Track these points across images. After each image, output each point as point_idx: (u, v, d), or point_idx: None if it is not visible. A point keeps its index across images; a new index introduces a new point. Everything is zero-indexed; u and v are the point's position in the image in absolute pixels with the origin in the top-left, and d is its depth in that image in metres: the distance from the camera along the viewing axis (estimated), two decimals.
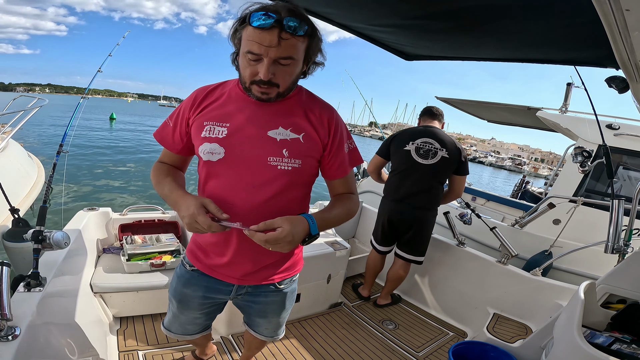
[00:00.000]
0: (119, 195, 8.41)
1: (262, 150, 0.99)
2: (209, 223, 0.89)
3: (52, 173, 1.70)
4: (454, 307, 2.64)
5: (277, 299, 1.24)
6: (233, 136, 1.00)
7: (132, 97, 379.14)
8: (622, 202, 1.92)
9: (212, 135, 1.00)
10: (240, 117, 1.01)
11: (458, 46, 1.68)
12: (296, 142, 1.01)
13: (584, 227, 3.43)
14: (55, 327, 1.40)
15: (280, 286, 1.21)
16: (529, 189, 7.29)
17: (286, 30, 0.84)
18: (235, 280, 1.15)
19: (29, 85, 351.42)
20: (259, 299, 1.22)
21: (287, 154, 0.99)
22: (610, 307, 1.57)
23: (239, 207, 1.01)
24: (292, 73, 0.94)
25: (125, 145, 16.84)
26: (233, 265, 1.12)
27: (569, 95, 4.49)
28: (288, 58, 0.88)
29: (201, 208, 0.90)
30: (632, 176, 3.87)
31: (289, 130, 1.01)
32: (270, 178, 1.00)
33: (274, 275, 1.17)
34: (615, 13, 0.69)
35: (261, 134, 0.99)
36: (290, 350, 2.06)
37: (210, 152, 1.00)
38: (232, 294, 1.20)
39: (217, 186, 1.03)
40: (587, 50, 1.32)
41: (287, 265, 1.20)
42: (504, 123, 6.11)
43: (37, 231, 1.34)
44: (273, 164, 0.99)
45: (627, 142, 3.77)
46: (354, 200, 1.15)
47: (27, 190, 3.75)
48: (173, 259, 2.28)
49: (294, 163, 1.00)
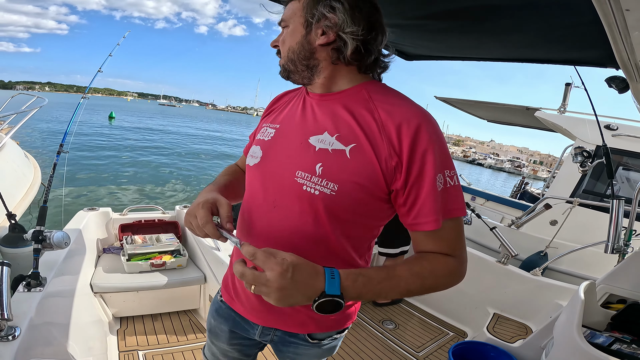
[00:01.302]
0: (119, 195, 8.41)
1: (293, 160, 0.76)
2: (205, 220, 0.72)
3: (52, 173, 1.71)
4: (454, 307, 2.64)
5: (310, 352, 0.92)
6: (276, 139, 0.82)
7: (132, 96, 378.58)
8: (622, 202, 1.93)
9: (261, 137, 0.86)
10: (292, 116, 0.83)
11: (458, 46, 1.68)
12: (338, 157, 0.72)
13: (580, 228, 3.44)
14: (55, 327, 1.40)
15: (312, 340, 0.89)
16: (528, 189, 7.30)
17: (286, 1, 0.80)
18: (258, 320, 0.89)
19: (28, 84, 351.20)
20: (287, 349, 0.93)
21: (320, 171, 0.72)
22: (610, 307, 1.57)
23: (256, 229, 0.81)
24: (285, 37, 0.80)
25: (126, 144, 16.85)
26: (253, 299, 0.86)
27: (568, 96, 4.50)
28: (282, 21, 0.81)
29: (209, 205, 0.75)
30: (631, 177, 3.87)
31: (335, 138, 0.73)
32: (294, 200, 0.75)
33: (305, 323, 0.86)
34: (615, 13, 0.69)
35: (302, 139, 0.77)
36: None
37: (251, 155, 0.85)
38: (258, 336, 0.93)
39: (247, 196, 0.87)
40: (587, 50, 1.32)
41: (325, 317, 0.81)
42: (503, 123, 6.13)
43: (37, 231, 1.34)
44: (299, 182, 0.73)
45: (625, 142, 3.78)
46: (448, 266, 0.72)
47: (24, 192, 3.71)
48: (173, 259, 2.28)
49: (325, 187, 0.71)
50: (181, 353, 1.91)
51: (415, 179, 0.68)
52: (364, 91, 0.76)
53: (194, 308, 2.33)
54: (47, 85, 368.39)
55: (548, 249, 3.19)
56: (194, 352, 1.92)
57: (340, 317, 0.89)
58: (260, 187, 0.81)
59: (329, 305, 0.61)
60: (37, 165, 4.75)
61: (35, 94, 4.71)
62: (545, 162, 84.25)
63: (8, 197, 2.67)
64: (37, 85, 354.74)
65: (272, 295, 0.59)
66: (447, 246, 0.73)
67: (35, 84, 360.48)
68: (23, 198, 3.62)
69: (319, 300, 0.61)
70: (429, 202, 0.68)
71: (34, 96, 4.45)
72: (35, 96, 4.44)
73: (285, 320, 0.86)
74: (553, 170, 6.02)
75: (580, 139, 4.05)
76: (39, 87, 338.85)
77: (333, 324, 0.89)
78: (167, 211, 2.74)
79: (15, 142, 4.67)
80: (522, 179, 8.17)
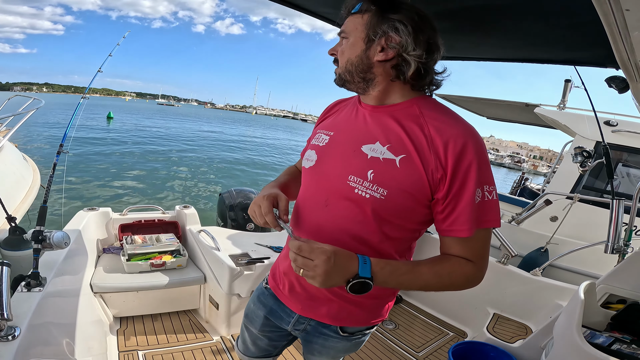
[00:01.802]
0: (119, 195, 8.41)
1: (346, 166, 0.84)
2: (267, 210, 0.85)
3: (52, 173, 1.70)
4: (454, 307, 2.64)
5: (339, 345, 1.01)
6: (331, 145, 0.90)
7: (130, 95, 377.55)
8: (623, 202, 1.93)
9: (316, 143, 0.94)
10: (347, 125, 0.91)
11: (458, 46, 1.68)
12: (388, 165, 0.79)
13: (580, 224, 3.44)
14: (55, 327, 1.40)
15: (343, 333, 0.98)
16: (527, 185, 7.30)
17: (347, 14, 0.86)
18: (297, 308, 0.98)
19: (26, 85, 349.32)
20: (316, 340, 1.02)
21: (371, 177, 0.80)
22: (610, 307, 1.56)
23: (307, 224, 0.90)
24: (344, 48, 0.85)
25: (125, 144, 16.85)
26: (297, 286, 0.95)
27: (567, 92, 4.51)
28: (342, 32, 0.87)
29: (272, 198, 0.88)
30: (631, 172, 3.87)
31: (386, 148, 0.80)
32: (345, 201, 0.83)
33: (339, 316, 0.94)
34: (615, 13, 0.69)
35: (355, 147, 0.84)
36: (290, 351, 2.06)
37: (307, 158, 0.94)
38: (291, 326, 1.02)
39: (301, 195, 0.96)
40: (587, 50, 1.32)
41: (362, 310, 0.94)
42: (502, 119, 6.14)
43: (37, 231, 1.34)
44: (352, 185, 0.81)
45: (625, 138, 3.78)
46: (464, 271, 0.79)
47: (23, 195, 3.67)
48: (173, 259, 2.28)
49: (375, 191, 0.79)
50: (181, 353, 1.91)
51: (457, 191, 0.75)
52: (416, 107, 0.82)
53: (194, 308, 2.33)
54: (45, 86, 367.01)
55: (548, 245, 3.19)
56: (193, 352, 1.92)
57: (371, 314, 0.96)
58: (314, 188, 0.90)
59: (361, 285, 0.72)
60: (36, 167, 4.68)
61: (32, 95, 4.68)
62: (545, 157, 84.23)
63: (7, 200, 2.66)
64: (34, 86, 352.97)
65: (317, 278, 0.70)
66: (471, 253, 0.79)
67: (33, 85, 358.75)
68: (22, 201, 3.59)
69: (352, 281, 0.72)
70: (466, 212, 0.75)
71: (31, 98, 4.42)
72: (32, 98, 4.42)
73: (321, 311, 0.94)
74: (553, 165, 6.02)
75: (579, 135, 4.06)
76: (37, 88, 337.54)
77: (364, 319, 0.97)
78: (167, 211, 2.74)
79: (14, 145, 4.63)
80: (521, 174, 8.17)
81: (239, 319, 1.42)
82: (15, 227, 2.04)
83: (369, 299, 0.91)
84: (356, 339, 1.01)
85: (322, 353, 1.05)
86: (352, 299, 0.91)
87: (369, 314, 0.97)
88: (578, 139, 4.08)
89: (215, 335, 2.10)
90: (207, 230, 2.41)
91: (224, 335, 2.10)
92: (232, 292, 2.01)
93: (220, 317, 2.09)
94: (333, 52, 0.89)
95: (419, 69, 0.80)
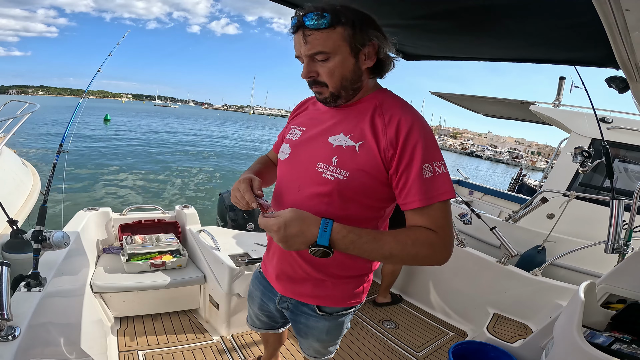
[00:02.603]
0: (119, 195, 8.41)
1: (315, 155, 0.96)
2: (245, 189, 0.93)
3: (52, 173, 1.70)
4: (454, 307, 2.64)
5: (318, 325, 1.11)
6: (302, 139, 1.02)
7: (126, 97, 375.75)
8: (622, 202, 1.92)
9: (290, 137, 1.06)
10: (315, 121, 1.02)
11: (458, 46, 1.69)
12: (349, 151, 0.91)
13: (577, 221, 3.45)
14: (55, 327, 1.40)
15: (320, 312, 1.08)
16: (525, 182, 7.31)
17: (308, 27, 0.84)
18: (275, 285, 1.12)
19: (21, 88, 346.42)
20: (299, 319, 1.14)
21: (335, 162, 0.91)
22: (610, 307, 1.56)
23: (284, 205, 0.99)
24: (333, 68, 0.87)
25: (124, 145, 16.84)
26: (275, 267, 1.09)
27: (562, 89, 4.53)
28: (319, 53, 0.86)
29: (248, 180, 0.97)
30: (629, 168, 3.88)
31: (348, 137, 0.92)
32: (314, 185, 0.94)
33: (316, 295, 1.06)
34: (615, 13, 0.69)
35: (323, 139, 0.96)
36: (290, 350, 2.06)
37: (282, 152, 1.06)
38: (277, 304, 1.16)
39: (278, 184, 1.09)
40: (587, 50, 1.32)
41: (336, 292, 1.05)
42: (498, 117, 6.16)
43: (37, 231, 1.35)
44: (320, 170, 0.93)
45: (620, 135, 3.79)
46: (428, 238, 0.84)
47: (24, 200, 3.64)
48: (173, 259, 2.28)
49: (339, 174, 0.91)
50: (181, 353, 1.91)
51: (406, 167, 0.85)
52: (376, 100, 0.94)
53: (194, 308, 2.33)
54: (40, 89, 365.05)
55: (546, 242, 3.19)
56: (194, 352, 1.92)
57: (346, 295, 1.06)
58: (288, 176, 1.03)
59: (318, 253, 0.81)
60: (35, 172, 4.61)
61: (27, 99, 4.64)
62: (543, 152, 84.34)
63: (8, 204, 2.65)
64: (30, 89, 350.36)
65: (281, 243, 0.81)
66: (432, 222, 0.86)
67: (28, 88, 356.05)
68: (23, 205, 3.57)
69: (311, 247, 0.81)
70: (417, 184, 0.85)
71: (26, 102, 4.39)
72: (27, 102, 4.38)
73: (299, 290, 1.07)
74: (550, 160, 6.02)
75: (575, 132, 4.07)
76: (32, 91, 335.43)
77: (340, 300, 1.07)
78: (167, 211, 2.74)
79: (12, 151, 4.60)
80: (519, 171, 8.16)
81: (239, 319, 1.43)
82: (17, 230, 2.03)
83: (340, 278, 1.03)
84: (335, 320, 1.11)
85: (307, 334, 1.16)
86: (323, 278, 1.02)
87: (344, 295, 1.06)
88: (574, 135, 4.10)
89: (215, 335, 2.10)
90: (207, 230, 2.41)
91: (224, 335, 2.10)
92: (232, 292, 2.01)
93: (220, 317, 2.09)
94: (312, 74, 0.90)
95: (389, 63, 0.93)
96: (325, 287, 1.04)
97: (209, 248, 2.19)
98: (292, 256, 1.03)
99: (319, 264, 1.01)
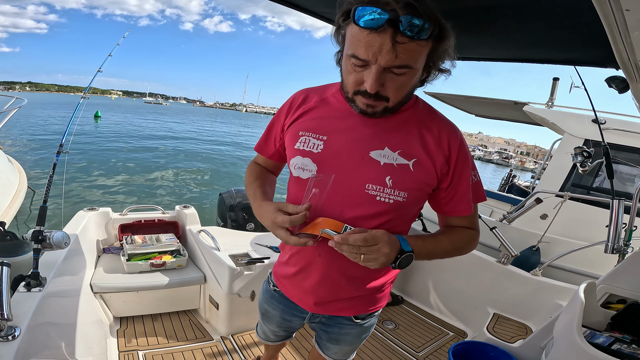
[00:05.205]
0: (118, 195, 8.41)
1: (359, 174, 0.83)
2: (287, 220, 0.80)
3: (52, 173, 1.70)
4: (454, 307, 2.64)
5: (353, 331, 1.09)
6: (329, 152, 0.86)
7: (116, 94, 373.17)
8: (623, 202, 1.92)
9: (306, 148, 0.87)
10: (341, 130, 0.86)
11: (457, 46, 1.68)
12: (404, 170, 0.83)
13: (571, 222, 3.46)
14: (55, 327, 1.40)
15: (356, 320, 1.06)
16: (515, 182, 7.33)
17: (404, 32, 0.66)
18: (310, 307, 1.03)
19: (9, 84, 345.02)
20: (332, 330, 1.10)
21: (390, 183, 0.82)
22: (610, 307, 1.57)
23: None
24: (406, 84, 0.76)
25: (117, 143, 16.76)
26: (311, 293, 0.99)
27: (555, 90, 4.55)
28: (404, 67, 0.71)
29: (278, 211, 0.83)
30: (620, 170, 3.89)
31: (397, 154, 0.83)
32: (366, 208, 0.84)
33: (351, 307, 1.03)
34: (615, 13, 0.69)
35: (362, 154, 0.84)
36: (290, 351, 2.06)
37: (301, 168, 0.88)
38: (306, 320, 1.11)
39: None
40: (587, 50, 1.32)
41: (369, 300, 1.03)
42: (491, 117, 6.19)
43: (37, 231, 1.34)
44: (372, 193, 0.83)
45: (613, 136, 3.82)
46: (471, 236, 0.95)
47: (10, 199, 3.53)
48: (173, 259, 2.28)
49: (397, 196, 0.83)
50: (181, 353, 1.91)
51: (457, 179, 0.88)
52: (415, 110, 0.88)
53: (194, 308, 2.33)
54: (28, 85, 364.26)
55: (540, 243, 3.19)
56: (193, 352, 1.92)
57: (377, 299, 1.05)
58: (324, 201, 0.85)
59: (408, 258, 0.81)
60: (22, 169, 4.45)
61: (14, 94, 4.49)
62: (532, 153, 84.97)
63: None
64: (17, 85, 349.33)
65: (380, 259, 0.77)
66: (471, 223, 0.96)
67: (16, 84, 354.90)
68: (10, 205, 3.45)
69: (401, 257, 0.80)
70: (467, 195, 0.90)
71: (13, 97, 4.26)
72: (14, 97, 4.25)
73: (335, 308, 1.01)
74: (543, 162, 6.03)
75: (568, 133, 4.09)
76: (20, 87, 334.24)
77: (374, 303, 1.05)
78: (167, 211, 2.74)
79: None
80: (509, 172, 8.19)
81: (239, 319, 1.43)
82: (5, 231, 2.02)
83: (373, 288, 1.00)
84: (369, 322, 1.09)
85: (339, 340, 1.11)
86: (360, 294, 0.99)
87: (376, 299, 1.05)
88: (567, 136, 4.11)
89: (215, 335, 2.10)
90: (207, 230, 2.41)
91: (224, 336, 2.10)
92: (232, 292, 2.01)
93: (220, 317, 2.09)
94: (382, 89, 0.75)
95: None
96: (360, 299, 1.01)
97: (209, 248, 2.19)
98: (334, 281, 0.94)
99: (359, 283, 0.96)
